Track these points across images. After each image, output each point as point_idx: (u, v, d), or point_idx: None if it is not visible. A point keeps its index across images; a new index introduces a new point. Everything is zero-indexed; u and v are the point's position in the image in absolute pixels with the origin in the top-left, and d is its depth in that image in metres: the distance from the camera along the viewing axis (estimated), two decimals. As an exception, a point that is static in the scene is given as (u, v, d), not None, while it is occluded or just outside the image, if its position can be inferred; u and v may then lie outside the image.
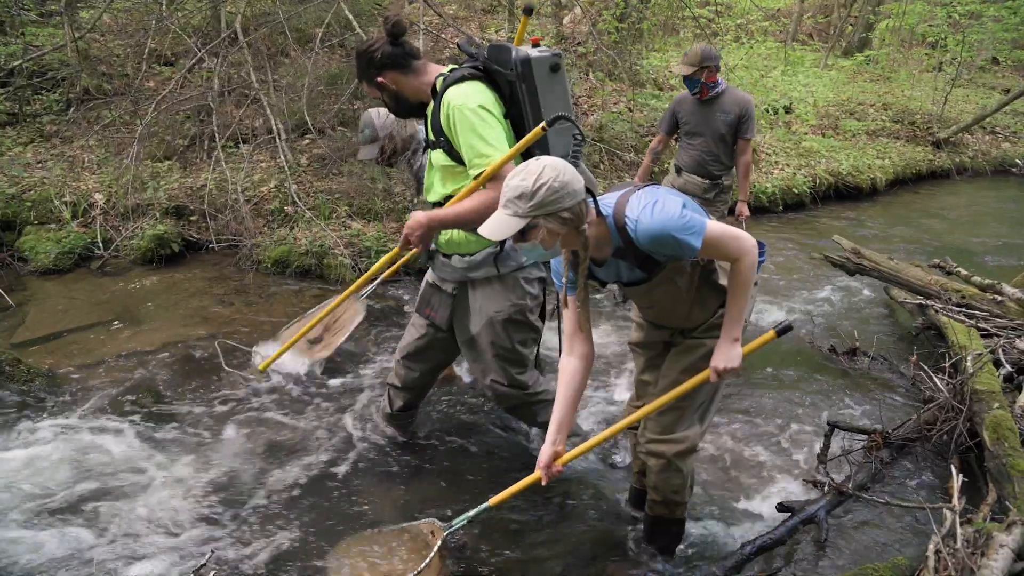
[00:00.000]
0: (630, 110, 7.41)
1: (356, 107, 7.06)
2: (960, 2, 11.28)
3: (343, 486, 3.06)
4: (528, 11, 2.79)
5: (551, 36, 8.28)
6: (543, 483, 2.39)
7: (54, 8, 8.13)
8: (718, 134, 4.59)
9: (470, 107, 2.41)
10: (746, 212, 4.92)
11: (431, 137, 2.58)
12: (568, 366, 2.35)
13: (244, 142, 6.53)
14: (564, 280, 2.18)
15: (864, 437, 3.43)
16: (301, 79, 6.29)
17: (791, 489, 3.19)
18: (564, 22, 9.58)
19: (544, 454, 2.35)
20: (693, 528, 2.89)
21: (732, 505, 3.08)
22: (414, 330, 3.03)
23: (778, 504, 2.96)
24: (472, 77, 2.46)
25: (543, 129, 2.36)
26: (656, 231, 1.98)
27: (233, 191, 5.84)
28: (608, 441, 3.08)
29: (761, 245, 3.07)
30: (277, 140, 5.75)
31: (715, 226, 2.07)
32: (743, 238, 2.11)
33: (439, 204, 2.64)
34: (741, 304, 2.20)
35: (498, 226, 1.92)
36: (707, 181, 4.77)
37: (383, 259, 3.31)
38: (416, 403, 3.30)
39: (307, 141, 6.76)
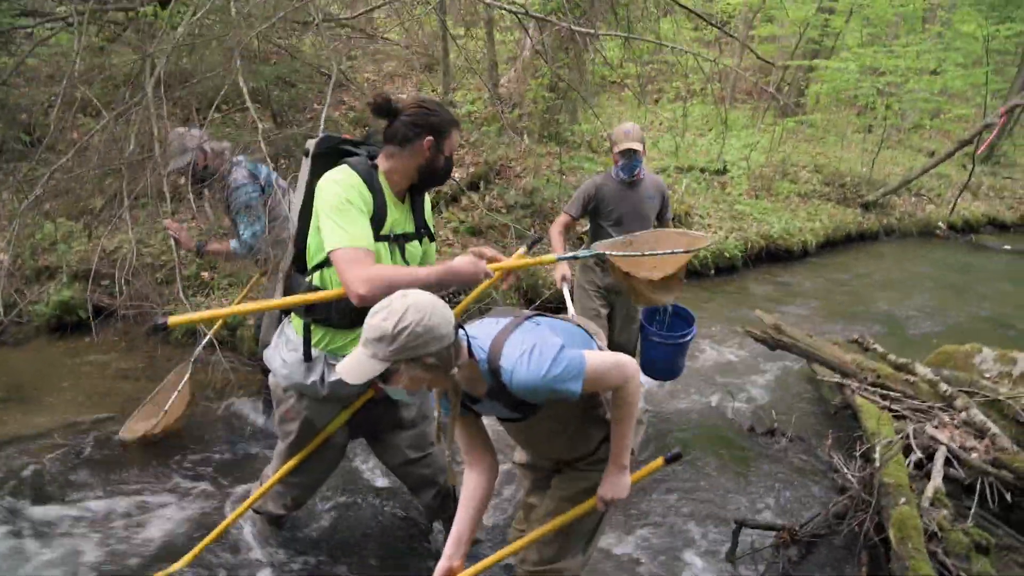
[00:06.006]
0: (562, 173, 7.45)
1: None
2: (886, 71, 11.78)
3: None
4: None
5: (483, 100, 8.32)
6: None
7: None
8: (648, 220, 4.27)
9: None
10: None
11: (412, 229, 2.59)
12: (469, 480, 2.28)
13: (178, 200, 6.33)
14: (438, 404, 2.08)
15: (774, 533, 3.38)
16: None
17: (699, 591, 3.11)
18: (503, 81, 9.66)
19: (440, 569, 2.24)
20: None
21: (637, 611, 2.98)
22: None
23: (682, 612, 2.88)
24: None
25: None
26: (532, 384, 1.91)
27: (148, 255, 5.65)
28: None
29: (692, 317, 3.10)
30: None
31: (596, 359, 2.01)
32: (624, 364, 2.05)
33: None
34: (627, 430, 2.14)
35: (356, 368, 1.81)
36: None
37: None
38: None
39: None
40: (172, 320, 2.24)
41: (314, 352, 2.55)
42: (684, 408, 4.86)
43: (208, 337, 3.88)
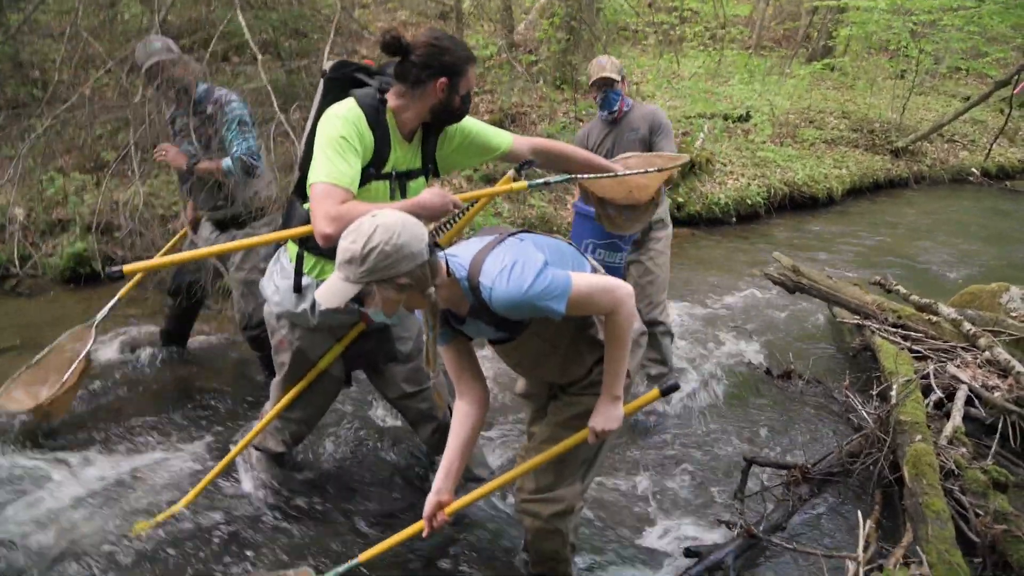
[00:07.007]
0: (580, 120, 7.27)
1: (296, 117, 6.85)
2: (918, 11, 11.29)
3: (215, 531, 2.85)
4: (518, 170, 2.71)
5: (496, 46, 8.12)
6: (424, 535, 2.24)
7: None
8: None
9: None
10: None
11: (418, 165, 2.51)
12: (458, 411, 2.24)
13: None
14: (424, 326, 2.01)
15: (785, 471, 3.30)
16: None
17: (705, 529, 3.04)
18: (520, 28, 9.44)
19: (429, 503, 2.21)
20: (597, 571, 2.75)
21: (640, 549, 2.92)
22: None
23: (686, 549, 2.82)
24: None
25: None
26: (513, 300, 1.83)
27: (159, 205, 5.64)
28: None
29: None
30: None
31: (583, 282, 1.92)
32: (616, 288, 1.96)
33: None
34: (620, 359, 2.06)
35: (332, 291, 1.77)
36: None
37: None
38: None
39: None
40: (127, 268, 2.18)
41: (306, 280, 2.52)
42: (699, 351, 4.76)
43: (117, 297, 3.69)
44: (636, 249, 3.88)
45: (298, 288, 2.53)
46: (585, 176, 2.68)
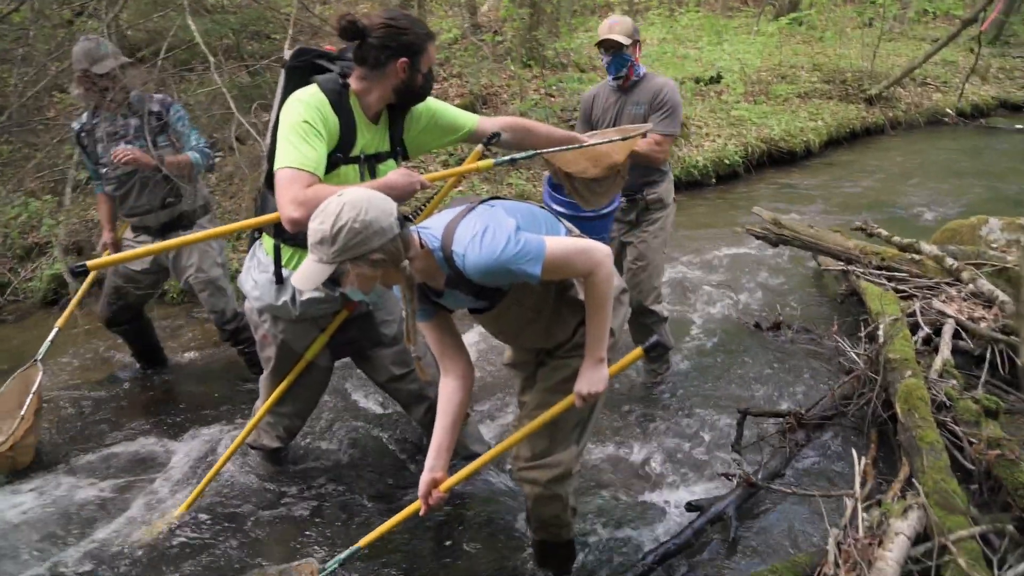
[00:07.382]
0: (551, 95, 7.23)
1: (265, 118, 6.80)
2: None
3: (216, 533, 2.85)
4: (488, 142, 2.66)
5: (460, 29, 8.07)
6: (422, 513, 2.24)
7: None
8: None
9: None
10: None
11: (386, 148, 2.49)
12: (445, 387, 2.22)
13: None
14: (403, 305, 2.00)
15: (780, 419, 3.32)
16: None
17: (706, 483, 3.06)
18: (483, 8, 9.39)
19: (423, 482, 2.21)
20: (601, 532, 2.78)
21: (642, 506, 2.94)
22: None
23: (687, 503, 2.83)
24: None
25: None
26: (486, 265, 1.82)
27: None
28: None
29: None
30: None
31: (558, 245, 1.91)
32: (593, 250, 1.95)
33: None
34: (602, 322, 2.05)
35: (306, 274, 1.76)
36: (623, 199, 3.54)
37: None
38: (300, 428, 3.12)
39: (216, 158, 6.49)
40: (91, 263, 2.16)
41: (284, 273, 2.50)
42: (687, 312, 4.78)
43: (56, 328, 3.54)
44: (631, 230, 3.65)
45: (280, 279, 2.52)
46: (549, 150, 2.65)
